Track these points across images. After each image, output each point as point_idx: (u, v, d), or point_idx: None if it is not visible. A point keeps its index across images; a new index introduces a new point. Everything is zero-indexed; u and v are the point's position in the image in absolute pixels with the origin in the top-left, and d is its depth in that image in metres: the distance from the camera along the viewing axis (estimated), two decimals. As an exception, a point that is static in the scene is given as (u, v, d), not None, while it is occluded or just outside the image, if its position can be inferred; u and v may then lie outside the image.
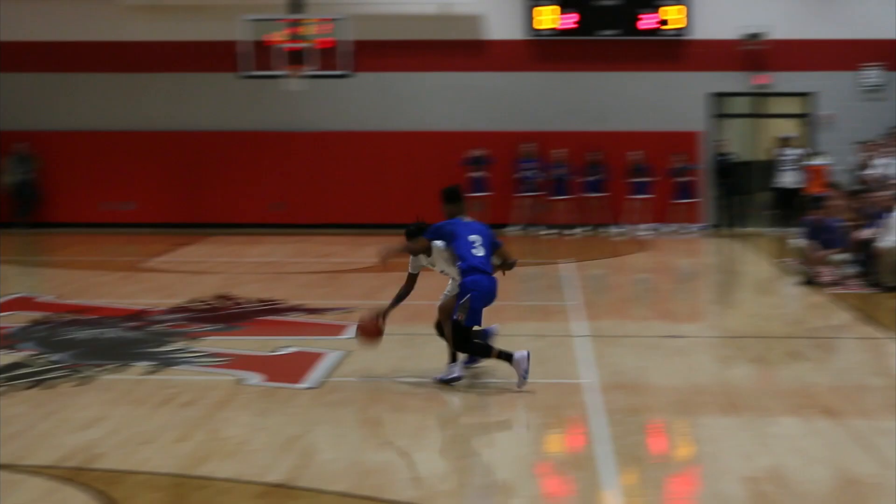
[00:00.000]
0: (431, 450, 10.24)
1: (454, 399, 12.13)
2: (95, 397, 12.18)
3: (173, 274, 22.56)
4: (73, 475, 9.45)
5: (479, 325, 12.69)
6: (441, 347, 13.07)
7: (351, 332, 14.68)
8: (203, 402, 11.93)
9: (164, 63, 30.13)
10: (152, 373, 13.35)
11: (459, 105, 30.16)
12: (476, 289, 12.42)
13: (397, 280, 13.50)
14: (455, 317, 12.44)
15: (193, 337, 15.50)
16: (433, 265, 13.07)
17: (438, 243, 12.88)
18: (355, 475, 9.44)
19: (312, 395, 12.31)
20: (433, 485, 9.17)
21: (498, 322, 13.92)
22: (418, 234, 13.00)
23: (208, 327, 16.26)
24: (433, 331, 13.28)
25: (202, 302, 18.36)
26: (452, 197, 13.59)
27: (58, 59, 30.30)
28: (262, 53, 27.02)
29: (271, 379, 12.98)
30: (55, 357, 14.16)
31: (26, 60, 30.32)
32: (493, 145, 29.53)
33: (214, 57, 29.51)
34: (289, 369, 13.61)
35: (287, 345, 14.97)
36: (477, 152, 29.28)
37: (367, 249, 24.60)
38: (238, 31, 27.21)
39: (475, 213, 28.34)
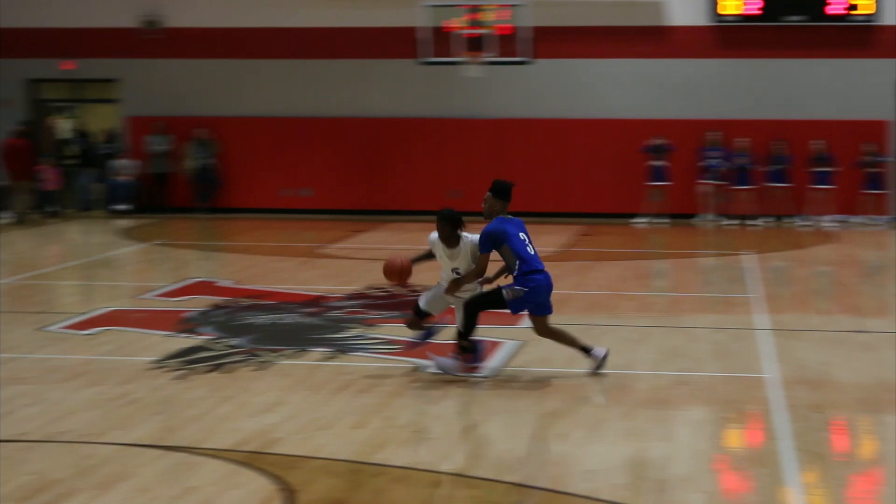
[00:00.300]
0: (608, 442, 10.19)
1: (632, 391, 12.06)
2: (273, 382, 12.37)
3: (350, 260, 22.79)
4: (250, 459, 9.62)
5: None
6: (618, 338, 13.03)
7: (528, 320, 14.65)
8: (379, 389, 12.05)
9: (344, 49, 30.39)
10: (329, 359, 13.51)
11: (640, 92, 29.92)
12: (539, 289, 12.46)
13: (576, 270, 13.43)
14: (505, 295, 12.48)
15: (370, 324, 15.66)
16: (451, 260, 12.59)
17: (470, 237, 12.57)
18: (531, 466, 9.46)
19: (489, 385, 12.36)
20: (609, 478, 9.14)
21: (678, 313, 13.80)
22: (459, 225, 12.59)
23: (385, 314, 16.41)
24: (611, 321, 13.21)
25: (379, 289, 18.52)
26: (505, 193, 12.97)
27: (239, 45, 30.74)
28: (442, 40, 27.15)
29: (447, 367, 13.05)
30: (234, 341, 14.41)
31: (207, 47, 30.82)
32: (674, 133, 29.24)
33: (394, 43, 29.67)
34: (465, 358, 13.65)
35: (463, 333, 15.03)
36: (658, 140, 29.03)
37: (546, 238, 24.62)
38: (418, 17, 27.36)
39: (655, 203, 28.25)
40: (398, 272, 12.75)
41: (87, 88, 32.82)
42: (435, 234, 12.59)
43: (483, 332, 13.30)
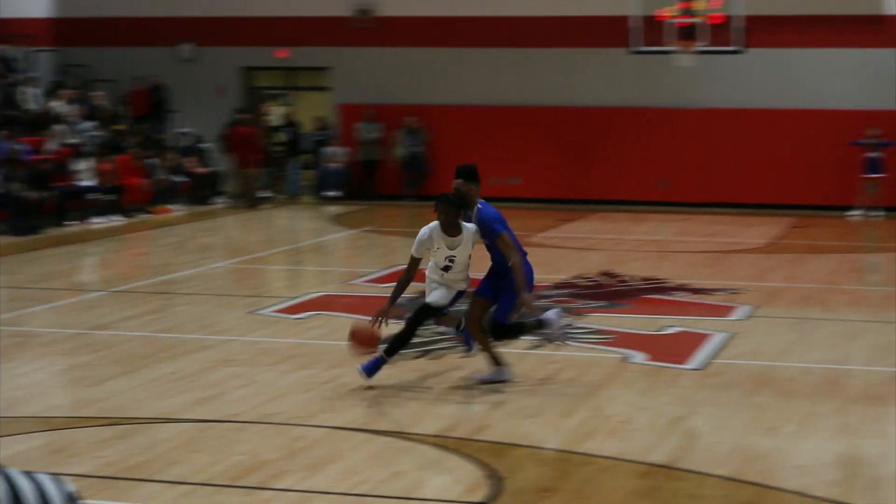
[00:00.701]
0: (819, 438, 10.06)
1: (845, 387, 11.86)
2: (481, 370, 12.46)
3: (559, 249, 22.82)
4: (458, 445, 9.71)
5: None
6: (830, 332, 12.84)
7: (738, 312, 14.54)
8: (587, 378, 12.07)
9: (554, 38, 30.38)
10: (537, 347, 13.56)
11: (855, 82, 29.31)
12: (532, 274, 12.12)
13: (787, 262, 13.25)
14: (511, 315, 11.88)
15: (578, 313, 15.66)
16: (450, 249, 11.76)
17: (469, 225, 11.83)
18: (740, 460, 9.38)
19: (697, 377, 12.27)
20: (821, 474, 9.02)
21: (893, 308, 13.52)
22: (462, 211, 11.82)
23: (593, 304, 16.41)
24: (823, 315, 12.99)
25: (587, 278, 18.52)
26: (476, 177, 12.33)
27: (449, 34, 30.95)
28: (653, 29, 26.98)
29: (655, 358, 13.00)
30: (442, 328, 14.55)
31: (418, 35, 31.10)
32: (891, 125, 28.59)
33: (605, 32, 29.56)
34: (673, 349, 13.60)
35: (672, 324, 14.96)
36: (873, 132, 28.41)
37: (755, 230, 24.36)
38: (630, 6, 27.24)
39: (870, 195, 27.65)
40: (371, 343, 11.59)
41: (300, 76, 33.38)
42: (429, 227, 11.82)
43: (691, 325, 13.18)
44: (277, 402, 11.14)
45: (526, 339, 13.83)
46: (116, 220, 26.32)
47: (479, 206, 11.97)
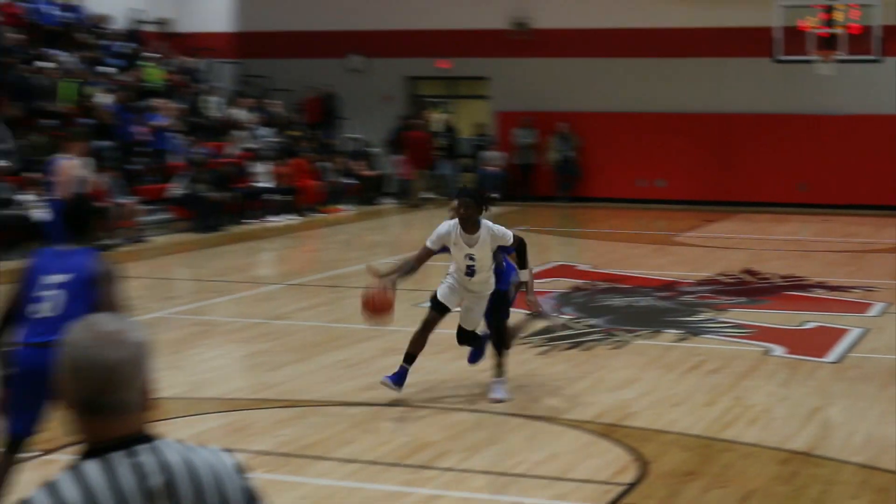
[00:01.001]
0: (953, 429, 9.91)
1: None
2: (629, 360, 12.48)
3: (701, 248, 22.67)
4: (607, 431, 9.75)
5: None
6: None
7: (874, 309, 14.35)
8: (729, 370, 12.00)
9: (699, 48, 30.12)
10: (681, 340, 13.53)
11: None
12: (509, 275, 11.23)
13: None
14: (510, 292, 11.20)
15: (720, 308, 15.58)
16: (469, 246, 10.73)
17: (490, 224, 10.87)
18: (874, 449, 9.28)
19: (834, 370, 12.15)
20: (954, 463, 8.90)
21: None
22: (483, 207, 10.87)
23: (734, 300, 16.30)
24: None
25: (729, 276, 18.39)
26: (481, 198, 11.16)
27: (600, 45, 30.85)
28: (795, 39, 26.66)
29: (794, 352, 12.89)
30: (593, 321, 14.57)
31: (571, 46, 31.04)
32: None
33: (749, 42, 29.22)
34: (812, 343, 13.46)
35: (810, 320, 14.81)
36: None
37: (892, 231, 23.92)
38: (773, 17, 26.94)
39: None
40: (385, 309, 10.70)
41: (460, 85, 33.54)
42: (448, 224, 10.84)
43: (829, 320, 13.03)
44: (439, 389, 11.27)
45: (671, 332, 13.81)
46: (291, 219, 26.69)
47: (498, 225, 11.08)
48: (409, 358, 10.85)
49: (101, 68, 27.29)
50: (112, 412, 2.77)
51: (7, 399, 7.18)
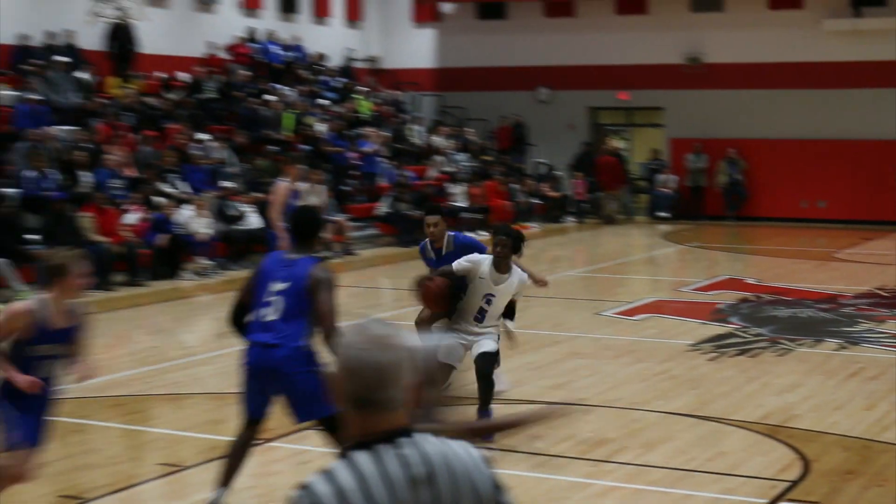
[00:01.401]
0: None
1: None
2: (793, 366, 12.26)
3: (860, 264, 22.11)
4: (772, 431, 9.60)
5: None
6: None
7: None
8: (887, 377, 11.70)
9: (857, 80, 29.37)
10: (842, 349, 13.22)
11: None
12: None
13: None
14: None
15: (879, 320, 15.18)
16: (494, 284, 9.53)
17: (520, 270, 9.74)
18: None
19: None
20: None
21: None
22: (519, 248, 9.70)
23: (892, 312, 15.86)
24: None
25: (886, 290, 17.89)
26: (441, 210, 10.44)
27: (766, 77, 30.29)
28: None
29: (950, 361, 12.50)
30: (759, 330, 14.34)
31: (740, 79, 30.56)
32: None
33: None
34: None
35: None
36: None
37: None
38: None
39: None
40: (435, 298, 9.41)
41: (637, 115, 33.33)
42: (479, 256, 9.66)
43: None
44: (618, 390, 11.22)
45: (832, 341, 13.51)
46: (483, 236, 26.79)
47: (451, 233, 10.34)
48: None
49: (318, 101, 27.85)
50: (381, 408, 2.87)
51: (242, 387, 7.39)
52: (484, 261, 9.55)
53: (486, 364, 9.63)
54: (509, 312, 10.13)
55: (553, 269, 21.93)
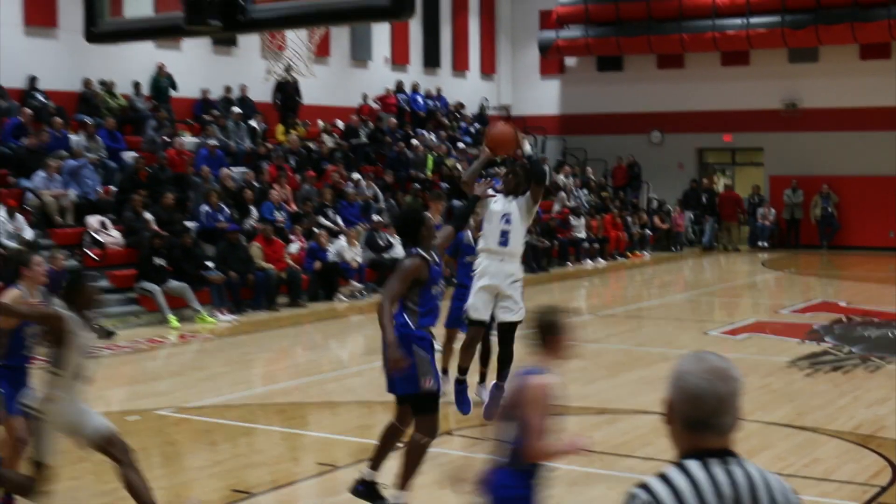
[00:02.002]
0: None
1: None
2: (882, 382, 11.87)
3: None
4: (864, 440, 9.29)
5: None
6: None
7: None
8: (971, 393, 11.25)
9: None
10: (928, 367, 12.76)
11: None
12: None
13: None
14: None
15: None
16: (505, 212, 9.51)
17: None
18: None
19: None
20: None
21: None
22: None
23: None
24: None
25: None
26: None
27: (853, 120, 29.44)
28: None
29: None
30: (850, 349, 13.93)
31: (833, 122, 29.82)
32: None
33: None
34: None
35: None
36: None
37: None
38: None
39: None
40: (507, 138, 9.10)
41: (740, 155, 32.81)
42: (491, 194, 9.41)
43: None
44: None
45: None
46: (601, 263, 26.61)
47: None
48: (463, 371, 9.69)
49: (457, 144, 27.94)
50: (713, 431, 2.86)
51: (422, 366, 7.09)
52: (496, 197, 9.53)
53: (509, 334, 9.52)
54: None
55: (664, 293, 21.68)
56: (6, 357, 7.39)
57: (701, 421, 2.83)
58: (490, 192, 9.15)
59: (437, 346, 7.55)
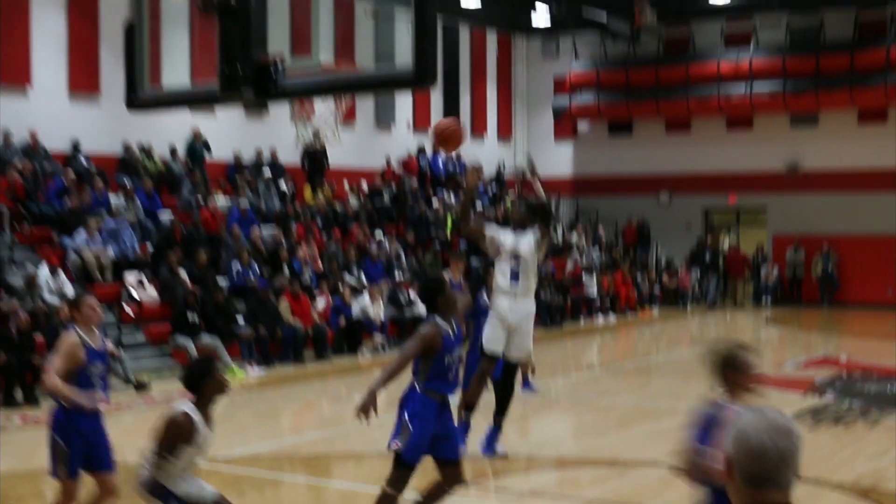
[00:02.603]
0: None
1: None
2: (882, 435, 11.77)
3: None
4: (865, 493, 9.19)
5: None
6: None
7: None
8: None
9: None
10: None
11: None
12: None
13: None
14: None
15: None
16: (514, 251, 9.42)
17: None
18: None
19: None
20: None
21: None
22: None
23: (971, 388, 15.15)
24: None
25: (966, 368, 17.11)
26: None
27: (853, 182, 29.41)
28: None
29: None
30: (851, 403, 13.83)
31: (833, 183, 29.80)
32: None
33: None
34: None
35: None
36: None
37: None
38: None
39: None
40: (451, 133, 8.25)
41: (744, 215, 32.78)
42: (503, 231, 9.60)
43: None
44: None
45: (918, 414, 12.91)
46: (612, 319, 26.55)
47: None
48: (469, 407, 9.61)
49: (475, 205, 28.03)
50: (776, 487, 2.79)
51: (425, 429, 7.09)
52: (506, 232, 9.51)
53: (514, 370, 9.75)
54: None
55: (672, 347, 21.58)
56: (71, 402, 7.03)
57: (763, 477, 2.77)
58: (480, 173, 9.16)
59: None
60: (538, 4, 29.30)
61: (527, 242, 9.40)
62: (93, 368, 7.14)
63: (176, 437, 6.12)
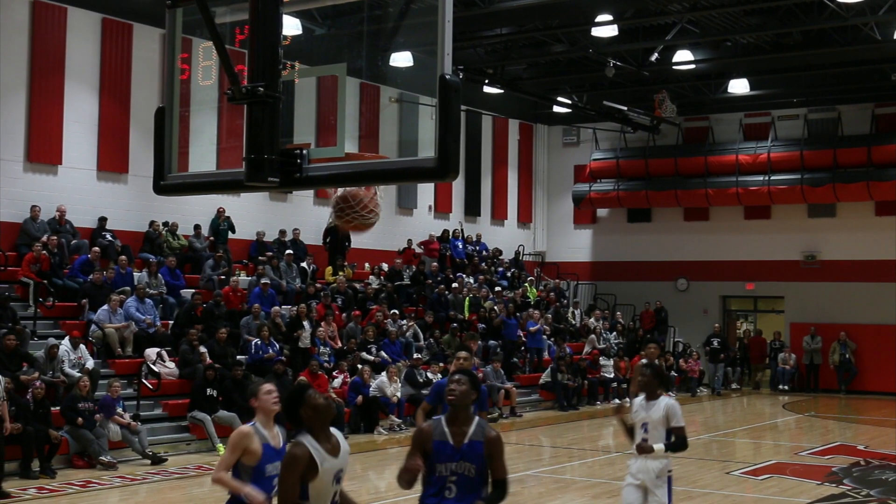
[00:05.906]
0: None
1: None
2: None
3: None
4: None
5: None
6: None
7: None
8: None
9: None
10: (942, 513, 12.50)
11: None
12: None
13: None
14: None
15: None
16: (643, 421, 9.27)
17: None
18: None
19: None
20: None
21: None
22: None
23: None
24: None
25: (984, 460, 16.91)
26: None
27: (869, 272, 29.39)
28: None
29: None
30: (868, 491, 13.69)
31: (848, 273, 29.76)
32: None
33: None
34: None
35: None
36: None
37: None
38: None
39: None
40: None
41: (762, 302, 32.74)
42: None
43: None
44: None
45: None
46: (628, 402, 26.33)
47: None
48: None
49: (494, 287, 28.09)
50: None
51: None
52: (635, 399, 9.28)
53: None
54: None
55: (688, 433, 21.36)
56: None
57: None
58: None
59: None
60: (560, 98, 29.61)
61: (655, 417, 9.31)
62: (269, 466, 6.57)
63: (291, 471, 5.90)
